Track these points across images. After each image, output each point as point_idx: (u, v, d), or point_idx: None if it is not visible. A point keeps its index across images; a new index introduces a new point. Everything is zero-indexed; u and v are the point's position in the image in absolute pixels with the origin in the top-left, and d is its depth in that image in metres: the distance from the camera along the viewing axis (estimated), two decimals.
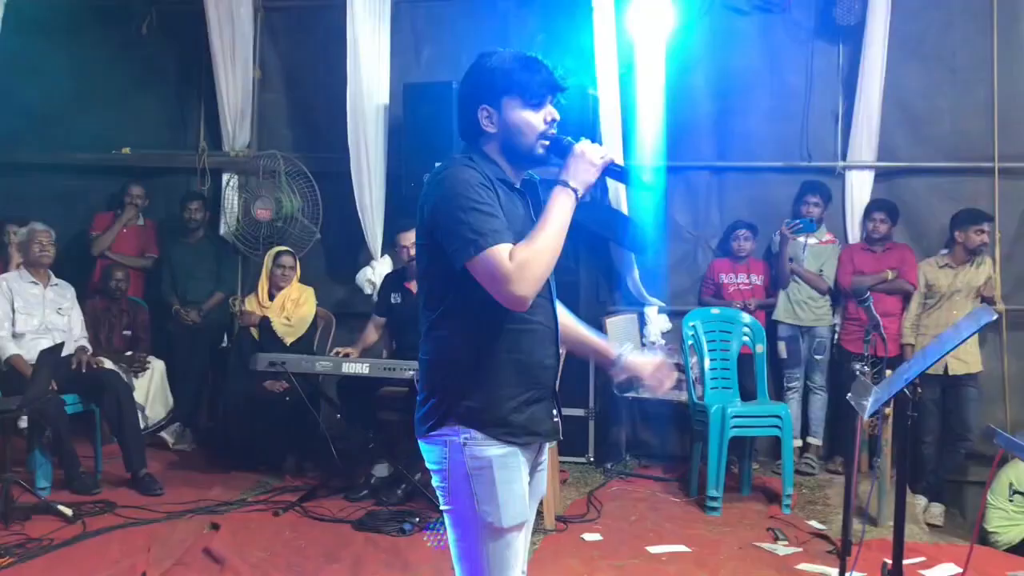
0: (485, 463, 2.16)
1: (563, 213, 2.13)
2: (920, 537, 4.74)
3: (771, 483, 5.50)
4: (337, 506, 4.95)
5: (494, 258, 2.04)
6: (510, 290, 2.04)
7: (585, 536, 4.62)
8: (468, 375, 2.18)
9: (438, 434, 2.20)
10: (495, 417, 2.17)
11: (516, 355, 2.19)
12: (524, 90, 2.19)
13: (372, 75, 6.19)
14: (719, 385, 5.49)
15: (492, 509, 2.16)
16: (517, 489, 2.20)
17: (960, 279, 5.50)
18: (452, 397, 2.19)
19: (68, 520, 4.60)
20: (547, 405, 2.28)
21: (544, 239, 2.09)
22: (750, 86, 6.22)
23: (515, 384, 2.19)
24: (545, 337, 2.26)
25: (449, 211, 2.10)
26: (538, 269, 2.06)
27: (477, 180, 2.12)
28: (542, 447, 2.35)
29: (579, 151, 2.19)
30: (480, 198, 2.09)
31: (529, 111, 2.20)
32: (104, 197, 6.84)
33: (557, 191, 2.16)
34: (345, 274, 6.51)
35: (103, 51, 6.82)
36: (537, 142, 2.21)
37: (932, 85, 5.95)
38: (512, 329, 2.18)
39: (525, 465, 2.24)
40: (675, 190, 6.28)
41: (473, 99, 2.23)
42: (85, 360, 5.38)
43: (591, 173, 2.19)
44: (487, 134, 2.23)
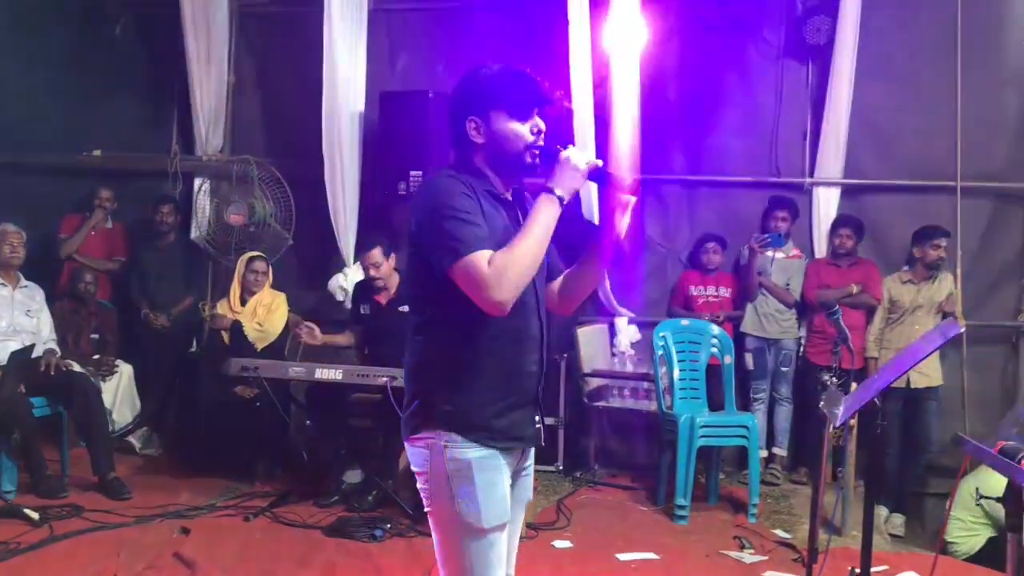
0: (465, 465, 2.20)
1: (546, 219, 2.18)
2: (882, 547, 4.83)
3: (737, 492, 5.58)
4: (307, 512, 4.95)
5: (473, 264, 2.09)
6: (489, 295, 2.09)
7: (555, 543, 4.67)
8: (450, 380, 2.23)
9: (420, 437, 2.24)
10: (475, 422, 2.21)
11: (498, 361, 2.24)
12: (511, 102, 2.25)
13: (348, 82, 6.22)
14: (688, 395, 5.56)
15: (472, 510, 2.20)
16: (498, 491, 2.24)
17: (922, 295, 5.63)
18: (434, 401, 2.23)
19: (35, 524, 4.56)
20: (529, 411, 2.32)
21: (524, 245, 2.13)
22: (721, 102, 6.32)
23: (496, 389, 2.24)
24: (528, 344, 2.30)
25: (432, 220, 2.16)
26: (516, 274, 2.10)
27: (459, 190, 2.18)
28: (526, 452, 2.39)
29: (564, 158, 2.24)
30: (461, 206, 2.14)
31: (515, 122, 2.26)
32: (74, 199, 6.77)
33: (542, 198, 2.21)
34: (317, 281, 6.51)
35: (76, 52, 6.76)
36: (525, 151, 2.27)
37: (898, 105, 6.08)
38: (495, 335, 2.23)
39: (507, 468, 2.28)
40: (647, 203, 6.35)
41: (462, 111, 2.28)
42: (54, 363, 5.33)
43: (576, 179, 2.24)
44: (475, 145, 2.28)
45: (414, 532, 4.64)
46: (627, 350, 6.16)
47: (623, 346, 6.18)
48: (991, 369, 5.96)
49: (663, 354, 5.57)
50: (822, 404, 3.06)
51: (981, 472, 4.80)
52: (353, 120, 6.29)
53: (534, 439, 2.36)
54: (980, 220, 6.00)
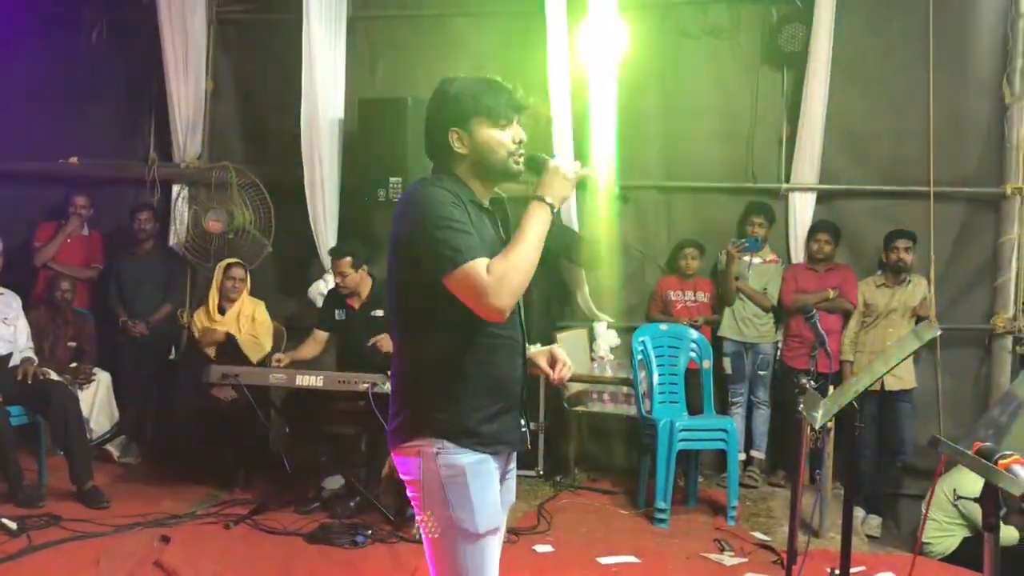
0: (459, 471, 2.23)
1: (539, 227, 2.22)
2: (859, 548, 4.88)
3: (716, 495, 5.63)
4: (289, 519, 4.94)
5: (473, 272, 2.12)
6: (490, 302, 2.12)
7: (536, 548, 4.69)
8: (440, 388, 2.26)
9: (411, 445, 2.27)
10: (466, 428, 2.24)
11: (486, 368, 2.27)
12: (491, 111, 2.29)
13: (327, 89, 6.22)
14: (667, 399, 5.61)
15: (467, 515, 2.23)
16: (490, 495, 2.28)
17: (896, 299, 5.71)
18: (424, 410, 2.26)
19: (12, 534, 4.52)
20: (515, 416, 2.36)
21: (521, 252, 2.17)
22: (698, 109, 6.37)
23: (485, 396, 2.27)
24: (513, 350, 2.35)
25: (424, 230, 2.18)
26: (516, 281, 2.14)
27: (448, 199, 2.21)
28: (510, 456, 2.43)
29: (554, 166, 2.29)
30: (453, 216, 2.17)
31: (497, 131, 2.30)
32: (49, 207, 6.72)
33: (534, 206, 2.25)
34: (296, 288, 6.51)
35: (52, 59, 6.75)
36: (508, 158, 2.31)
37: (872, 110, 6.15)
38: (482, 344, 2.26)
39: (497, 472, 2.32)
40: (625, 209, 6.39)
41: (442, 124, 2.32)
42: (31, 371, 5.29)
43: (567, 188, 2.29)
44: (459, 156, 2.32)
45: (396, 538, 4.65)
46: (606, 355, 6.19)
47: (602, 351, 6.21)
48: (965, 372, 6.02)
49: (642, 359, 5.61)
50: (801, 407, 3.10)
51: (956, 473, 4.89)
52: (332, 127, 6.30)
53: (521, 442, 2.40)
54: (953, 224, 6.07)
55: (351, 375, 4.93)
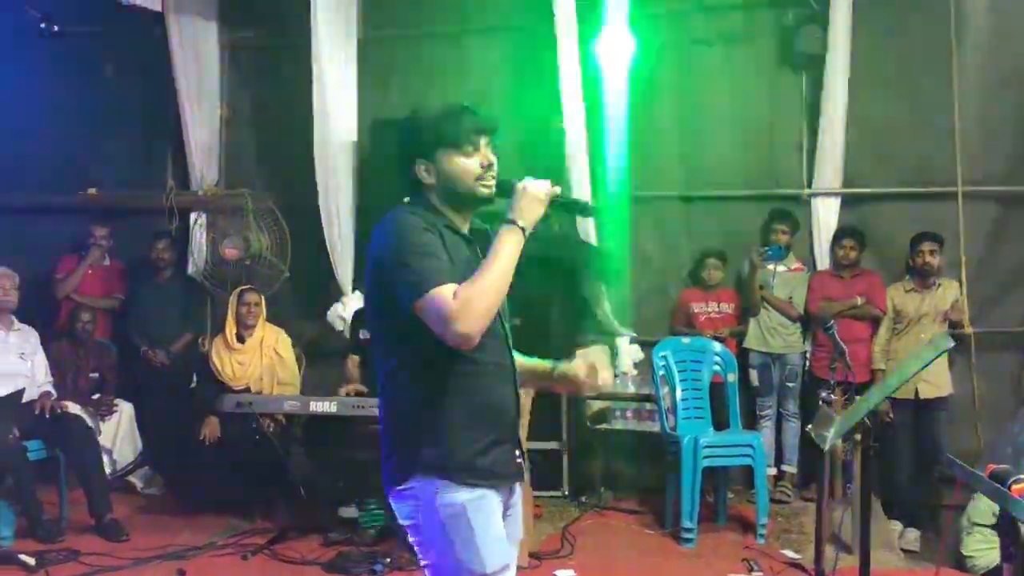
0: (458, 509, 2.13)
1: (509, 250, 2.14)
2: (895, 564, 4.72)
3: (746, 512, 5.47)
4: (307, 547, 4.88)
5: (438, 298, 2.04)
6: (455, 329, 2.04)
7: (559, 573, 4.58)
8: (427, 424, 2.17)
9: (406, 488, 2.18)
10: (459, 463, 2.15)
11: (473, 399, 2.19)
12: (454, 138, 2.23)
13: (339, 112, 6.19)
14: (691, 415, 5.47)
15: (472, 556, 2.13)
16: (494, 531, 2.18)
17: (927, 303, 5.52)
18: (414, 449, 2.17)
19: (30, 569, 4.52)
20: (509, 447, 2.26)
21: (488, 277, 2.09)
22: (716, 116, 6.25)
23: (475, 428, 2.18)
24: (501, 378, 2.26)
25: (391, 257, 2.12)
26: (482, 306, 2.06)
27: (418, 225, 2.15)
28: (512, 489, 2.33)
29: (521, 188, 2.21)
30: (421, 241, 2.11)
31: (463, 157, 2.24)
32: (70, 238, 6.75)
33: (503, 230, 2.17)
34: (315, 312, 6.45)
35: (69, 93, 6.79)
36: (476, 184, 2.24)
37: (895, 111, 5.98)
38: (466, 373, 2.18)
39: (499, 507, 2.22)
40: (644, 220, 6.29)
41: (408, 156, 2.27)
42: (49, 405, 5.29)
43: (536, 209, 2.21)
44: (427, 186, 2.26)
45: (415, 566, 4.54)
46: (629, 370, 6.06)
47: (625, 366, 6.08)
48: (1002, 376, 5.81)
49: (664, 374, 5.48)
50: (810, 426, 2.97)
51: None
52: (346, 149, 6.26)
53: (518, 475, 2.31)
54: (985, 224, 5.87)
55: (366, 400, 4.85)
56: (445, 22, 6.54)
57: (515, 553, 2.35)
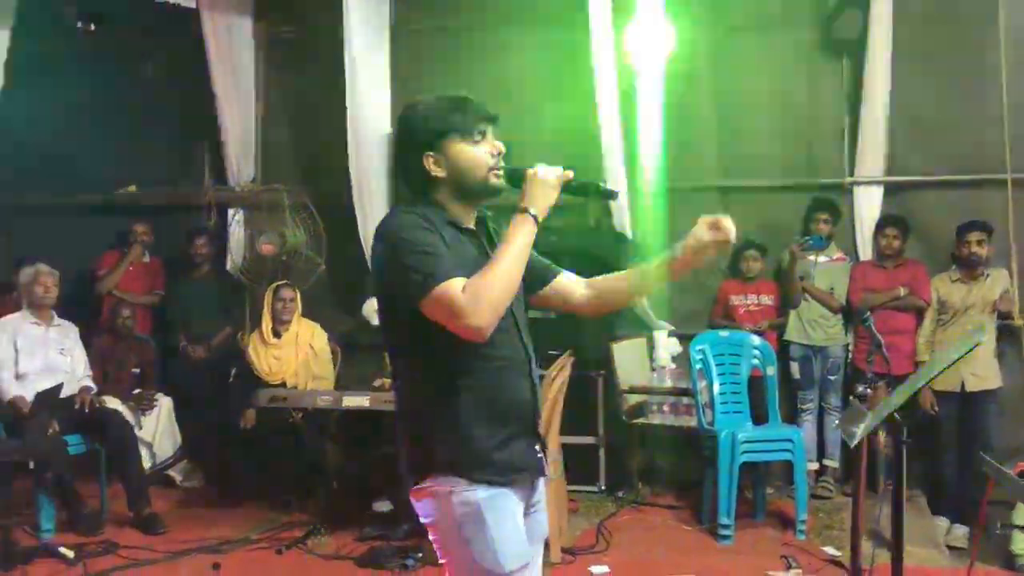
0: (474, 508, 2.09)
1: (521, 240, 2.09)
2: (939, 562, 4.59)
3: (786, 508, 5.36)
4: (341, 542, 4.87)
5: (446, 292, 2.00)
6: (467, 323, 2.00)
7: (593, 569, 4.51)
8: (441, 422, 2.12)
9: (423, 487, 2.14)
10: (476, 460, 2.11)
11: (486, 394, 2.14)
12: (462, 128, 2.17)
13: (372, 104, 6.19)
14: (730, 409, 5.37)
15: (489, 554, 2.09)
16: (511, 529, 2.13)
17: (974, 294, 5.35)
18: (429, 447, 2.13)
19: (69, 562, 4.56)
20: (528, 441, 2.21)
21: (499, 267, 2.04)
22: (754, 105, 6.15)
23: (490, 423, 2.13)
24: (516, 371, 2.21)
25: (394, 259, 2.07)
26: (494, 297, 2.01)
27: (417, 224, 2.10)
28: (535, 486, 2.27)
29: (532, 175, 2.15)
30: (421, 239, 2.07)
31: (472, 147, 2.18)
32: (111, 236, 6.83)
33: (516, 219, 2.12)
34: (351, 306, 6.45)
35: (108, 91, 6.85)
36: (488, 174, 2.19)
37: (940, 96, 5.82)
38: (478, 368, 2.13)
39: (518, 505, 2.18)
40: (681, 212, 6.16)
41: (415, 150, 2.20)
42: (88, 400, 5.36)
43: (549, 195, 2.15)
44: (437, 180, 2.20)
45: None
46: (668, 364, 5.98)
47: (663, 360, 6.00)
48: None
49: (702, 368, 5.39)
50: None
51: None
52: (380, 142, 6.26)
53: (538, 470, 2.25)
54: None
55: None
56: (477, 13, 6.48)
57: (539, 551, 2.31)
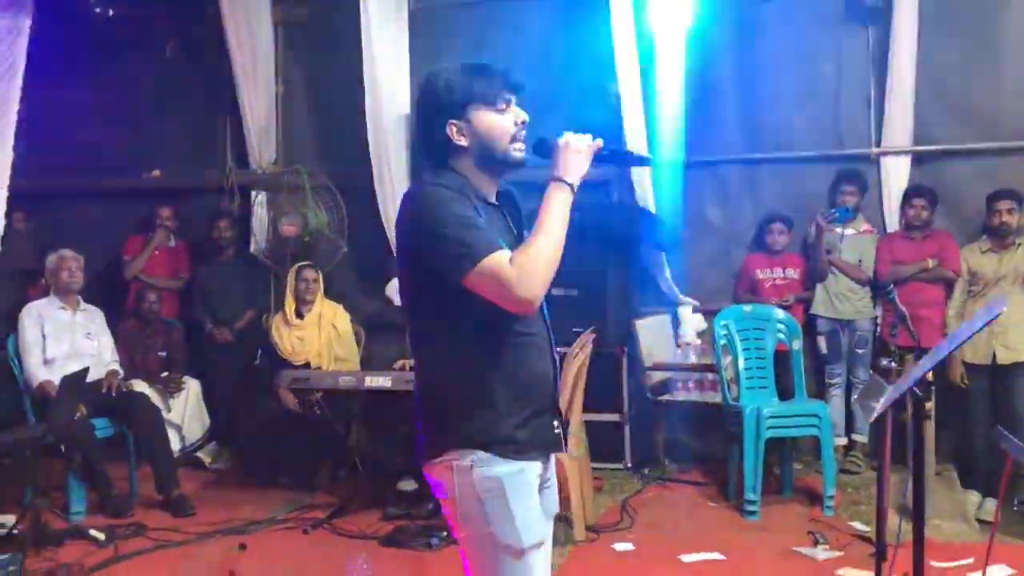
0: (496, 483, 2.07)
1: (561, 209, 2.07)
2: (969, 536, 4.52)
3: (814, 483, 5.32)
4: (366, 522, 4.89)
5: (494, 265, 1.97)
6: (518, 294, 1.97)
7: (616, 546, 4.50)
8: (467, 397, 2.11)
9: (442, 461, 2.12)
10: (500, 436, 2.09)
11: (514, 370, 2.12)
12: (487, 95, 2.13)
13: (391, 85, 6.16)
14: (755, 385, 5.32)
15: (509, 530, 2.08)
16: (532, 506, 2.12)
17: (1005, 264, 5.23)
18: (453, 421, 2.12)
19: (100, 544, 4.61)
20: (549, 417, 2.20)
21: (544, 237, 2.02)
22: (778, 75, 6.04)
23: (516, 400, 2.12)
24: (540, 347, 2.20)
25: (431, 233, 2.03)
26: (542, 268, 1.99)
27: (450, 196, 2.06)
28: (548, 462, 2.27)
29: (563, 143, 2.12)
30: (458, 211, 2.03)
31: (496, 115, 2.14)
32: (136, 220, 6.87)
33: (552, 188, 2.10)
34: (374, 287, 6.46)
35: (128, 76, 6.89)
36: (510, 146, 2.15)
37: (969, 62, 5.68)
38: (507, 344, 2.11)
39: (536, 481, 2.17)
40: (705, 185, 6.14)
41: (438, 117, 2.16)
42: (115, 384, 5.41)
43: (581, 163, 2.12)
44: (460, 149, 2.16)
45: None
46: (693, 340, 5.93)
47: (689, 336, 5.95)
48: None
49: (726, 343, 5.33)
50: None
51: None
52: (399, 123, 6.24)
53: (556, 445, 2.24)
54: None
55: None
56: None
57: (551, 527, 2.30)
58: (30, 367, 5.32)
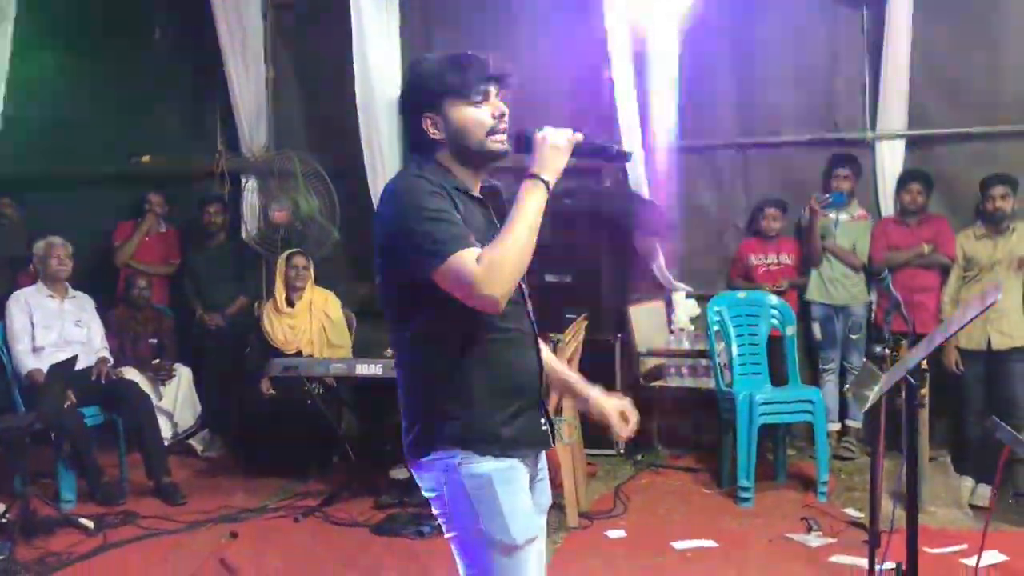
0: (484, 480, 2.04)
1: (533, 206, 2.01)
2: (963, 523, 4.51)
3: (808, 469, 5.31)
4: (359, 510, 4.87)
5: (460, 263, 1.93)
6: (482, 294, 1.93)
7: (609, 533, 4.49)
8: (449, 395, 2.07)
9: (429, 460, 2.09)
10: (485, 434, 2.06)
11: (496, 367, 2.08)
12: (461, 87, 2.08)
13: (382, 70, 6.09)
14: (748, 371, 5.30)
15: (499, 527, 2.04)
16: (522, 502, 2.09)
17: (1000, 250, 5.20)
18: (437, 420, 2.08)
19: (89, 532, 4.58)
20: (535, 415, 2.16)
21: (513, 236, 1.96)
22: (771, 58, 6.00)
23: (500, 397, 2.08)
24: (524, 343, 2.16)
25: (404, 225, 1.99)
26: (509, 268, 1.94)
27: (427, 189, 2.01)
28: (538, 458, 2.23)
29: (540, 138, 2.07)
30: (433, 206, 1.98)
31: (471, 108, 2.09)
32: (126, 206, 6.82)
33: (526, 185, 2.03)
34: (366, 273, 6.41)
35: (117, 61, 6.82)
36: (487, 139, 2.10)
37: (964, 45, 5.65)
38: (487, 340, 2.07)
39: (526, 476, 2.13)
40: (698, 170, 6.10)
41: (415, 110, 2.13)
42: (105, 371, 5.37)
43: (559, 159, 2.06)
44: (437, 142, 2.12)
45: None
46: (686, 326, 5.90)
47: (682, 322, 5.92)
48: None
49: (719, 329, 5.31)
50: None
51: None
52: (391, 107, 6.14)
53: (545, 442, 2.20)
54: None
55: None
56: None
57: (544, 521, 2.27)
58: (18, 355, 5.28)
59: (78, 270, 5.71)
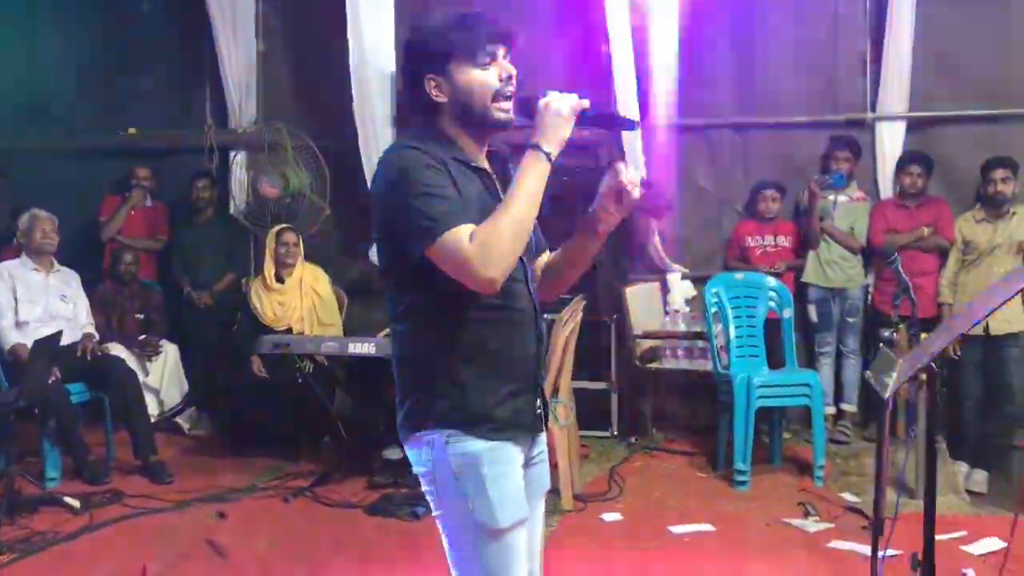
0: (472, 459, 1.97)
1: (534, 180, 1.90)
2: (961, 508, 4.49)
3: (804, 453, 5.26)
4: (349, 490, 4.80)
5: (453, 241, 1.84)
6: (476, 273, 1.84)
7: (604, 516, 4.43)
8: (443, 372, 1.99)
9: (419, 436, 2.02)
10: (476, 413, 1.98)
11: (492, 347, 2.00)
12: (467, 47, 1.97)
13: (375, 44, 5.96)
14: (745, 353, 5.24)
15: (485, 508, 1.97)
16: (511, 484, 2.01)
17: (1000, 234, 5.16)
18: (429, 397, 2.00)
19: (75, 511, 4.50)
20: (530, 397, 2.08)
21: (511, 212, 1.87)
22: (771, 37, 5.91)
23: (494, 378, 2.00)
24: (523, 324, 2.06)
25: (397, 200, 1.90)
26: (505, 246, 1.85)
27: (423, 162, 1.91)
28: (535, 440, 2.16)
29: (544, 105, 1.95)
30: (428, 180, 1.89)
31: (478, 70, 1.98)
32: (113, 180, 6.68)
33: (527, 156, 1.93)
34: (358, 251, 6.31)
35: (104, 32, 6.68)
36: (492, 105, 1.99)
37: (967, 27, 5.58)
38: (485, 319, 1.98)
39: (519, 457, 2.05)
40: (696, 150, 6.03)
41: (417, 72, 2.02)
42: (90, 348, 5.27)
43: (562, 127, 1.94)
44: (440, 106, 2.02)
45: None
46: (681, 307, 5.85)
47: (677, 303, 5.87)
48: None
49: (717, 311, 5.24)
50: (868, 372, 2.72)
51: None
52: (384, 82, 6.05)
53: (537, 426, 2.13)
54: None
55: None
56: None
57: (538, 505, 2.21)
58: (2, 330, 5.17)
59: (63, 245, 5.59)
